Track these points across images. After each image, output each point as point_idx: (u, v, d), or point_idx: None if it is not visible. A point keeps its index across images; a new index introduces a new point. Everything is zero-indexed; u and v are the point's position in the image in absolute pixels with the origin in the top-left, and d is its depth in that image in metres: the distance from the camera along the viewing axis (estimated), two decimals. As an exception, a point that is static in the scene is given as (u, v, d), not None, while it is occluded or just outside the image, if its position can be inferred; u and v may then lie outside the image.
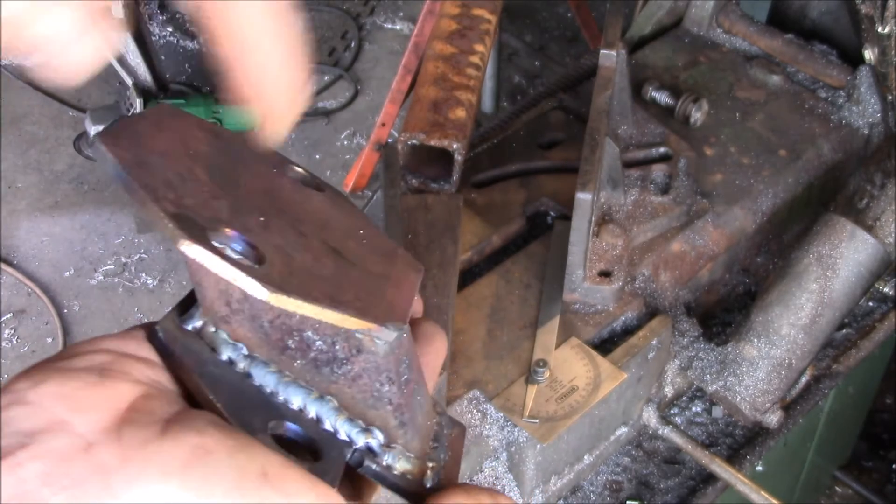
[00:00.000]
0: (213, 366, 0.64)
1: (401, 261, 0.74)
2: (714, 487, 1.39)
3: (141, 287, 3.39)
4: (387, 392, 0.68)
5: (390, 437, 0.69)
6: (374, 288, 0.68)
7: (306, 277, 0.62)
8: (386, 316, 0.65)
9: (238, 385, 0.64)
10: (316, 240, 0.67)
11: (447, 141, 1.40)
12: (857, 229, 1.37)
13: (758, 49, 1.72)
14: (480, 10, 1.61)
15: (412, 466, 0.70)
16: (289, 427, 0.65)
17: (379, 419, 0.68)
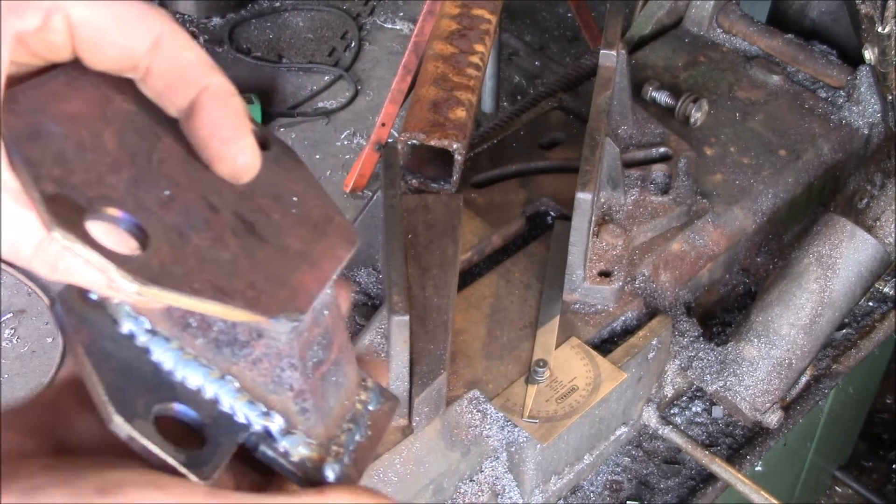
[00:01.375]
0: (111, 340, 0.61)
1: (334, 232, 0.69)
2: (714, 487, 1.39)
3: (141, 287, 3.38)
4: (288, 378, 0.65)
5: (290, 422, 0.66)
6: (281, 271, 0.64)
7: (194, 264, 0.59)
8: (282, 306, 0.62)
9: (132, 362, 0.61)
10: (228, 213, 0.63)
11: (447, 141, 1.40)
12: (857, 229, 1.37)
13: (758, 49, 1.72)
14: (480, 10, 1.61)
15: (312, 453, 0.67)
16: (178, 409, 0.62)
17: (279, 404, 0.66)
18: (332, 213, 0.70)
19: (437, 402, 1.18)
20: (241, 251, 0.62)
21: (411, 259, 1.28)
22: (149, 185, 0.60)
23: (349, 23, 4.25)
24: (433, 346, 1.20)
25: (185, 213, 0.61)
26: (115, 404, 0.58)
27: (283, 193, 0.68)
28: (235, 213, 0.64)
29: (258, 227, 0.65)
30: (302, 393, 0.66)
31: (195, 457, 0.60)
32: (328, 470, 0.69)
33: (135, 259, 0.56)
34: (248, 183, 0.65)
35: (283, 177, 0.69)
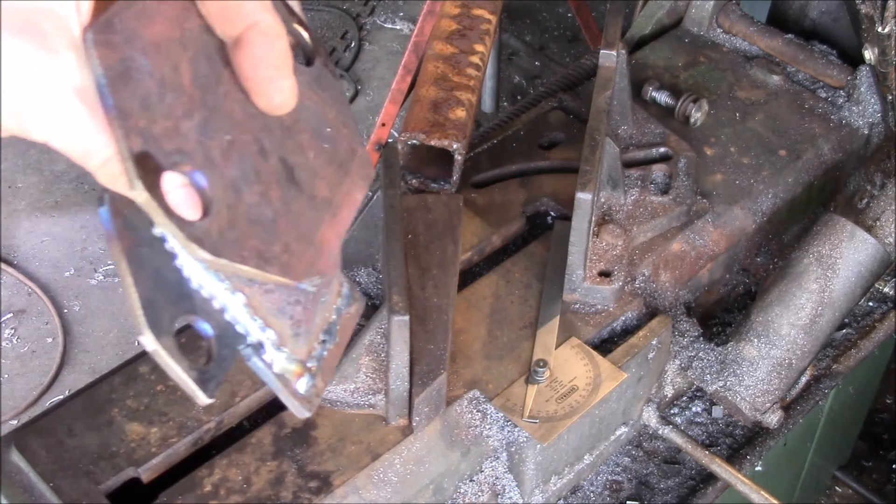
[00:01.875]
0: (147, 245, 0.65)
1: (355, 168, 0.76)
2: (714, 487, 1.39)
3: (141, 287, 3.38)
4: (290, 310, 0.73)
5: (282, 342, 0.73)
6: (309, 226, 0.71)
7: (244, 227, 0.65)
8: (308, 269, 0.69)
9: (161, 268, 0.66)
10: (275, 158, 0.69)
11: (447, 141, 1.40)
12: (857, 229, 1.37)
13: (758, 49, 1.72)
14: (480, 10, 1.61)
15: (293, 367, 0.75)
16: (196, 324, 0.69)
17: (277, 326, 0.72)
18: (354, 145, 0.77)
19: (437, 402, 1.18)
20: (281, 206, 0.69)
21: (411, 259, 1.28)
22: (214, 130, 0.65)
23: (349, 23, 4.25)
24: (433, 346, 1.20)
25: (240, 164, 0.66)
26: (147, 318, 0.63)
27: (320, 124, 0.75)
28: (280, 158, 0.70)
29: (297, 173, 0.71)
30: (300, 323, 0.74)
31: (204, 373, 0.68)
32: (300, 383, 0.76)
33: (199, 227, 0.62)
34: (293, 113, 0.71)
35: (321, 100, 0.75)
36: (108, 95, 0.57)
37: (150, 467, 1.13)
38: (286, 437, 1.16)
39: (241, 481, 1.12)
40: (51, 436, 1.15)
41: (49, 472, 1.12)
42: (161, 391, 1.19)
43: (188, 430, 1.16)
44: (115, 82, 0.58)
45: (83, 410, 1.18)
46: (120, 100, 0.58)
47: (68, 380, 3.12)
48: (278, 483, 1.12)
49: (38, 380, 3.11)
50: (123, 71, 0.59)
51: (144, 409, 1.18)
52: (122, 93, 0.58)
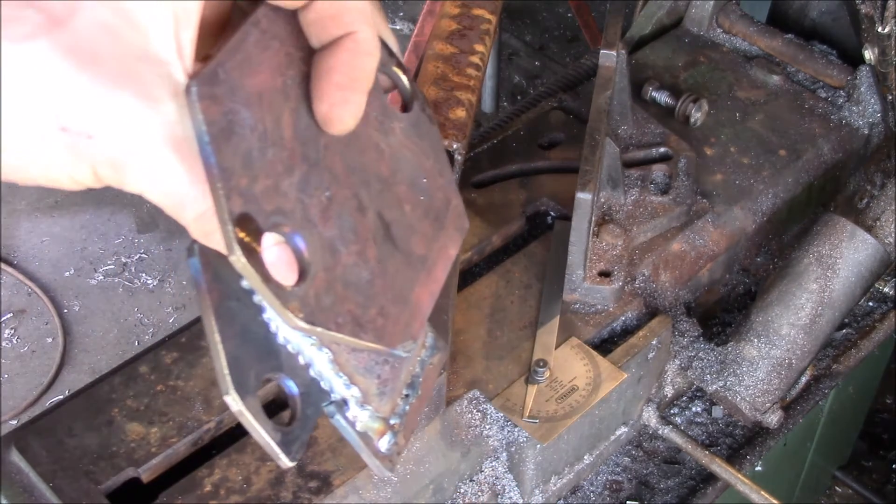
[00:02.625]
0: (235, 298, 0.63)
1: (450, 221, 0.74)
2: (714, 487, 1.39)
3: (141, 287, 3.38)
4: (379, 370, 0.71)
5: (367, 400, 0.71)
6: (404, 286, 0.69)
7: (340, 290, 0.63)
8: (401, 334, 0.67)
9: (248, 322, 0.64)
10: (372, 213, 0.67)
11: (447, 141, 1.40)
12: (857, 229, 1.37)
13: (758, 49, 1.72)
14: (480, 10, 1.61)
15: (376, 425, 0.73)
16: (282, 381, 0.67)
17: (363, 384, 0.71)
18: (450, 196, 0.75)
19: (437, 402, 1.18)
20: (377, 266, 0.67)
21: (411, 259, 1.28)
22: (314, 186, 0.63)
23: (349, 23, 4.24)
24: (433, 346, 1.20)
25: (339, 222, 0.64)
26: (233, 378, 0.61)
27: (416, 175, 0.72)
28: (378, 213, 0.68)
29: (393, 229, 0.69)
30: (386, 382, 0.73)
31: (287, 434, 0.65)
32: (382, 442, 0.74)
33: (295, 293, 0.60)
34: (392, 165, 0.69)
35: (418, 149, 0.73)
36: (210, 153, 0.55)
37: (150, 467, 1.13)
38: (286, 437, 1.16)
39: (241, 481, 1.12)
40: (51, 436, 1.15)
41: (49, 472, 1.12)
42: (161, 391, 1.19)
43: (188, 430, 1.16)
44: (218, 139, 0.56)
45: (83, 410, 1.18)
46: (222, 158, 0.56)
47: (68, 380, 3.12)
48: (278, 483, 1.12)
49: (38, 380, 3.11)
50: (226, 126, 0.57)
51: (144, 409, 1.18)
52: (224, 150, 0.56)
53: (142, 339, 3.24)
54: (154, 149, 0.57)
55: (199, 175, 0.57)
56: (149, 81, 0.57)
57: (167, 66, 0.58)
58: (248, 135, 0.58)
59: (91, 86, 0.56)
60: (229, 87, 0.57)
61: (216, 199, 0.56)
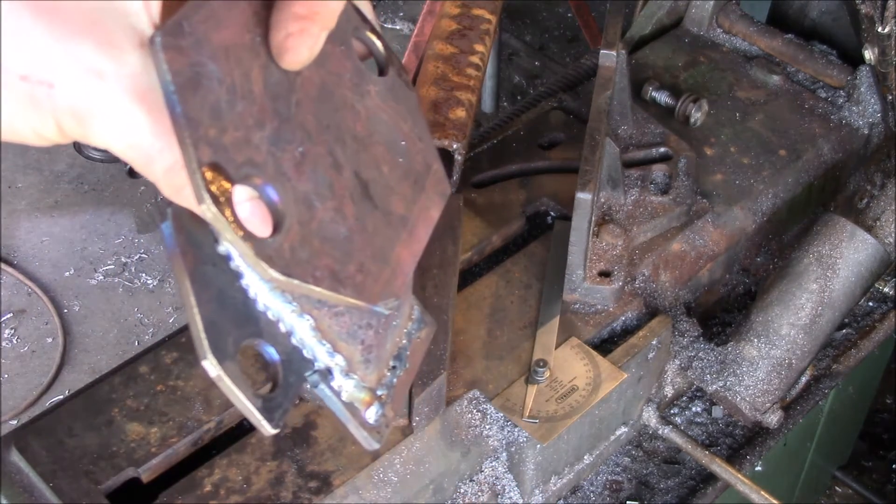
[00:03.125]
0: (210, 263, 0.62)
1: (430, 184, 0.73)
2: (714, 487, 1.39)
3: (141, 287, 3.38)
4: (362, 334, 0.69)
5: (352, 368, 0.69)
6: (384, 244, 0.67)
7: (317, 245, 0.61)
8: (383, 291, 0.66)
9: (225, 288, 0.63)
10: (349, 172, 0.66)
11: (447, 141, 1.40)
12: (857, 229, 1.37)
13: (758, 49, 1.72)
14: (480, 10, 1.61)
15: (362, 395, 0.71)
16: (261, 347, 0.65)
17: (346, 351, 0.69)
18: (430, 160, 0.73)
19: (437, 402, 1.18)
20: (355, 223, 0.65)
21: (411, 259, 1.28)
22: (286, 141, 0.61)
23: (349, 23, 4.24)
24: (433, 346, 1.20)
25: (313, 177, 0.63)
26: (210, 343, 0.60)
27: (394, 137, 0.71)
28: (354, 172, 0.66)
29: (371, 188, 0.67)
30: (371, 348, 0.71)
31: (269, 401, 0.64)
32: (369, 413, 0.72)
33: (270, 244, 0.58)
34: (369, 127, 0.68)
35: (395, 112, 0.71)
36: (176, 103, 0.55)
37: (150, 467, 1.13)
38: (286, 437, 1.16)
39: (241, 481, 1.12)
40: (51, 436, 1.15)
41: (49, 472, 1.12)
42: (161, 391, 1.19)
43: (188, 430, 1.16)
44: (184, 89, 0.55)
45: (83, 410, 1.18)
46: (189, 108, 0.55)
47: (68, 380, 3.12)
48: (278, 483, 1.12)
49: (38, 380, 3.11)
50: (193, 77, 0.56)
51: (144, 409, 1.18)
52: (191, 100, 0.56)
53: (142, 339, 3.24)
54: (117, 99, 0.57)
55: (166, 127, 0.57)
56: (111, 31, 0.57)
57: (132, 18, 0.58)
58: (215, 87, 0.57)
59: (50, 33, 0.55)
60: (195, 39, 0.57)
61: (183, 149, 0.55)
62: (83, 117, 0.57)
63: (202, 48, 0.57)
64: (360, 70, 0.69)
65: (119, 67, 0.57)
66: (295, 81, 0.63)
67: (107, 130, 0.57)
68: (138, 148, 0.58)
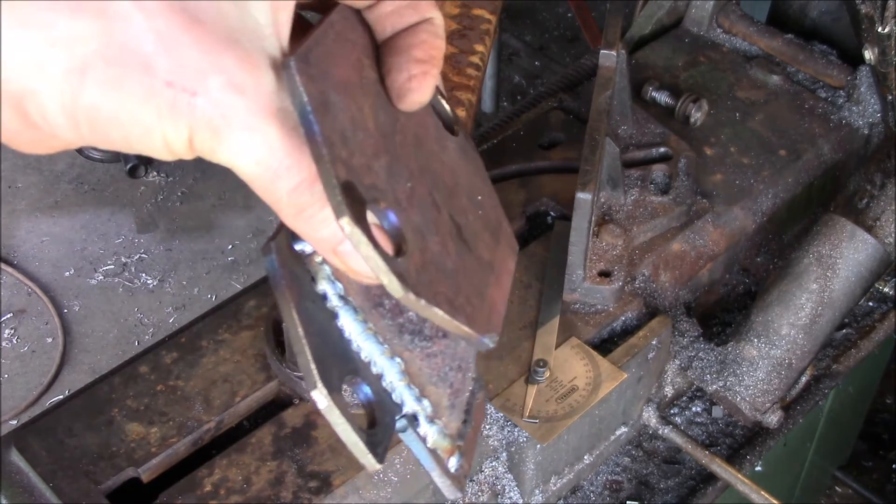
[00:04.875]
0: (309, 300, 0.63)
1: (503, 239, 0.75)
2: (714, 487, 1.39)
3: (141, 287, 3.39)
4: (451, 377, 0.70)
5: (437, 413, 0.70)
6: (480, 284, 0.69)
7: (434, 273, 0.63)
8: (486, 326, 0.67)
9: (325, 325, 0.64)
10: (446, 214, 0.68)
11: (447, 141, 1.40)
12: (857, 229, 1.37)
13: (758, 49, 1.72)
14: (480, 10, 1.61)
15: (445, 443, 0.72)
16: (360, 385, 0.66)
17: (434, 395, 0.70)
18: (500, 218, 0.76)
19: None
20: (458, 259, 0.67)
21: (411, 259, 1.28)
22: (398, 175, 0.63)
23: (349, 23, 4.24)
24: (433, 346, 1.20)
25: (422, 212, 0.65)
26: (320, 374, 0.60)
27: (473, 191, 0.73)
28: (450, 215, 0.68)
29: (464, 232, 0.70)
30: (457, 392, 0.71)
31: (372, 436, 0.64)
32: (452, 461, 0.72)
33: (400, 264, 0.59)
34: (453, 178, 0.70)
35: (471, 170, 0.74)
36: (313, 122, 0.56)
37: (150, 467, 1.13)
38: (286, 437, 1.16)
39: (241, 481, 1.12)
40: (51, 436, 1.15)
41: (49, 472, 1.12)
42: (161, 391, 1.19)
43: (188, 430, 1.16)
44: (318, 111, 0.57)
45: (83, 410, 1.18)
46: (324, 128, 0.57)
47: (68, 380, 3.12)
48: (278, 483, 1.12)
49: (38, 380, 3.11)
50: (323, 102, 0.58)
51: (144, 409, 1.18)
52: (325, 122, 0.57)
53: (142, 339, 3.24)
54: (254, 114, 0.58)
55: (296, 146, 0.58)
56: (250, 50, 0.59)
57: (265, 41, 0.60)
58: (340, 115, 0.59)
59: (198, 44, 0.57)
60: (320, 70, 0.59)
61: (321, 166, 0.56)
62: (218, 129, 0.58)
63: (326, 79, 0.59)
64: (439, 126, 0.72)
65: (258, 84, 0.58)
66: (396, 124, 0.65)
67: (238, 145, 0.58)
68: (267, 165, 0.59)
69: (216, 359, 1.23)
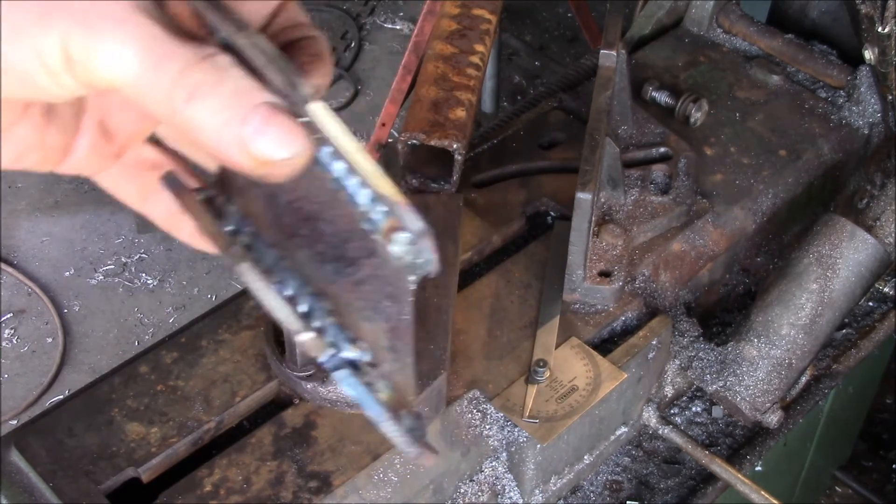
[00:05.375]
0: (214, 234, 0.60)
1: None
2: (714, 487, 1.39)
3: (141, 287, 3.38)
4: (386, 308, 0.61)
5: (377, 357, 0.62)
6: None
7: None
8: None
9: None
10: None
11: (447, 141, 1.40)
12: (857, 229, 1.37)
13: (758, 49, 1.72)
14: (480, 10, 1.61)
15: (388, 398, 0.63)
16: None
17: (370, 335, 0.62)
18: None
19: (437, 402, 1.18)
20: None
21: (411, 259, 1.28)
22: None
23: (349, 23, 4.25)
24: (433, 346, 1.20)
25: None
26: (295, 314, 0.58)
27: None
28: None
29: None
30: (395, 330, 0.62)
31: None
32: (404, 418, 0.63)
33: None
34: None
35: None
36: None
37: (150, 467, 1.13)
38: (286, 437, 1.16)
39: (241, 481, 1.12)
40: (51, 436, 1.15)
41: (49, 472, 1.12)
42: (161, 391, 1.19)
43: (188, 430, 1.16)
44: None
45: (83, 410, 1.18)
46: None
47: (68, 380, 3.12)
48: (278, 483, 1.12)
49: (38, 380, 3.11)
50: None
51: (144, 409, 1.18)
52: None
53: (142, 339, 3.24)
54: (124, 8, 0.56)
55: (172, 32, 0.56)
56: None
57: None
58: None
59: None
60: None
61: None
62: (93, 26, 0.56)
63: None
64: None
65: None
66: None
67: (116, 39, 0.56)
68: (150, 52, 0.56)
69: (216, 359, 1.23)
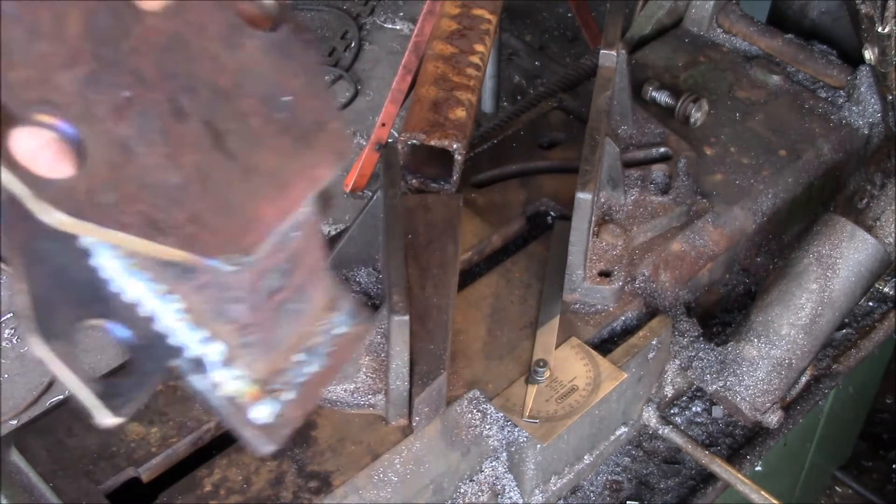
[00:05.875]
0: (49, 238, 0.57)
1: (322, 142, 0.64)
2: (714, 487, 1.39)
3: (141, 287, 3.38)
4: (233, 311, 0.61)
5: (231, 355, 0.61)
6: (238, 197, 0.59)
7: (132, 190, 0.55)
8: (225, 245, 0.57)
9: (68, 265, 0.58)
10: (196, 121, 0.59)
11: (447, 141, 1.40)
12: (857, 229, 1.37)
13: (758, 49, 1.72)
14: (480, 10, 1.61)
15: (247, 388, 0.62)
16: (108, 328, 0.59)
17: (223, 334, 0.61)
18: (325, 118, 0.65)
19: (437, 402, 1.18)
20: (194, 172, 0.58)
21: (411, 259, 1.28)
22: (106, 85, 0.55)
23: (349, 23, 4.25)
24: (433, 346, 1.20)
25: (139, 122, 0.56)
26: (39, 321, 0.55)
27: (274, 91, 0.63)
28: (206, 121, 0.59)
29: (229, 140, 0.60)
30: (247, 327, 0.61)
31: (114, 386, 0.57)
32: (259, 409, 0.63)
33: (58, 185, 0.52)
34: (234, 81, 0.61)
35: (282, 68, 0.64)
36: None
37: (150, 467, 1.13)
38: (286, 437, 1.16)
39: (241, 481, 1.12)
40: (51, 436, 1.15)
41: (49, 472, 1.12)
42: (161, 391, 1.19)
43: (188, 430, 1.16)
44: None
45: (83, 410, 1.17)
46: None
47: (68, 380, 3.12)
48: (278, 483, 1.12)
49: (38, 380, 3.11)
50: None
51: (144, 409, 1.18)
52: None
53: (142, 339, 3.23)
54: None
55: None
56: None
57: None
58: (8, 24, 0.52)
59: None
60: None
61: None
62: None
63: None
64: (234, 24, 0.63)
65: None
66: (132, 28, 0.58)
67: None
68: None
69: (216, 359, 1.23)
